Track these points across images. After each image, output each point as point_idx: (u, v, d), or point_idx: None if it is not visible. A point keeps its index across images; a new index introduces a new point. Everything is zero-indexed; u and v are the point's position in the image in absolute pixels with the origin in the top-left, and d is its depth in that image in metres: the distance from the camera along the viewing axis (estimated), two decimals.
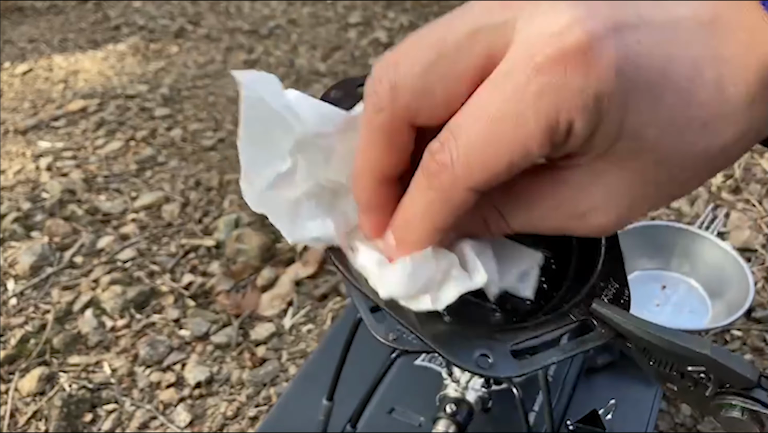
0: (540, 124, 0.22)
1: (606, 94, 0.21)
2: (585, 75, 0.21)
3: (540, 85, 0.21)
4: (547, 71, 0.21)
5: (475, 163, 0.23)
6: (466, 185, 0.23)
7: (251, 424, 0.81)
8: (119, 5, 1.95)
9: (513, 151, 0.22)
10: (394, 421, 0.59)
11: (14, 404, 0.84)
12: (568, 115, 0.22)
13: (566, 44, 0.21)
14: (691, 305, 0.78)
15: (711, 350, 0.25)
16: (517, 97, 0.22)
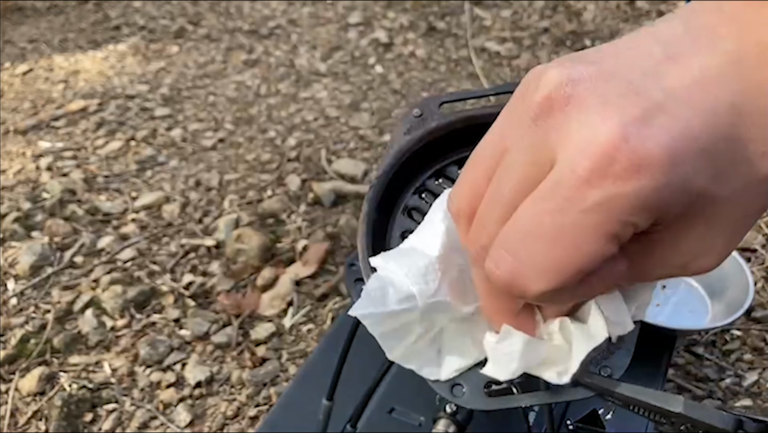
0: (603, 233, 0.22)
1: (663, 185, 0.21)
2: (636, 179, 0.21)
3: (595, 198, 0.21)
4: (597, 184, 0.21)
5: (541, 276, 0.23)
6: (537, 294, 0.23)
7: (251, 424, 0.81)
8: (119, 5, 1.95)
9: (580, 260, 0.22)
10: (394, 421, 0.59)
11: (14, 404, 0.84)
12: (628, 219, 0.21)
13: (607, 154, 0.21)
14: (691, 305, 0.78)
15: (684, 407, 0.26)
16: (573, 211, 0.22)
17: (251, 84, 1.54)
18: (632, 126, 0.21)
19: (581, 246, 0.22)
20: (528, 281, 0.23)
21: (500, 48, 1.62)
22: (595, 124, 0.21)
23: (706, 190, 0.22)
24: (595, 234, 0.22)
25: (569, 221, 0.22)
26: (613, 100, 0.21)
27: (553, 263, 0.22)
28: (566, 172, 0.22)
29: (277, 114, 1.43)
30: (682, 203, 0.22)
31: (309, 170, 1.24)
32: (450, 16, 1.79)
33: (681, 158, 0.21)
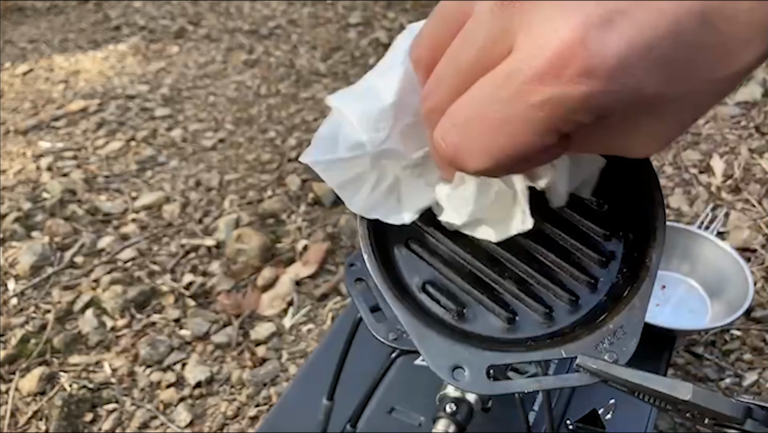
0: (545, 129, 0.22)
1: (612, 90, 0.21)
2: (586, 83, 0.21)
3: (542, 95, 0.22)
4: (547, 83, 0.21)
5: (481, 158, 0.24)
6: (477, 171, 0.25)
7: (251, 424, 0.81)
8: (119, 5, 1.95)
9: (519, 150, 0.23)
10: (394, 421, 0.59)
11: (15, 404, 0.84)
12: (572, 117, 0.22)
13: (563, 56, 0.21)
14: (691, 305, 0.78)
15: (693, 395, 0.26)
16: (520, 105, 0.22)
17: (251, 84, 1.55)
18: (592, 29, 0.21)
19: (522, 137, 0.23)
20: (468, 159, 0.24)
21: None
22: (557, 21, 0.21)
23: (658, 93, 0.22)
24: (537, 128, 0.22)
25: (515, 113, 0.22)
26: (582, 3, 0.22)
27: (493, 148, 0.24)
28: (521, 65, 0.22)
29: (277, 114, 1.43)
30: (631, 104, 0.23)
31: (309, 170, 1.24)
32: None
33: (635, 66, 0.21)
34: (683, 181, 1.11)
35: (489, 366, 0.29)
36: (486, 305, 0.33)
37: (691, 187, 1.10)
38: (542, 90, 0.22)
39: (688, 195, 1.08)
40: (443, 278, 0.34)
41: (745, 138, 1.19)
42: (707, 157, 1.16)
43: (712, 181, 1.10)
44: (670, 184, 1.11)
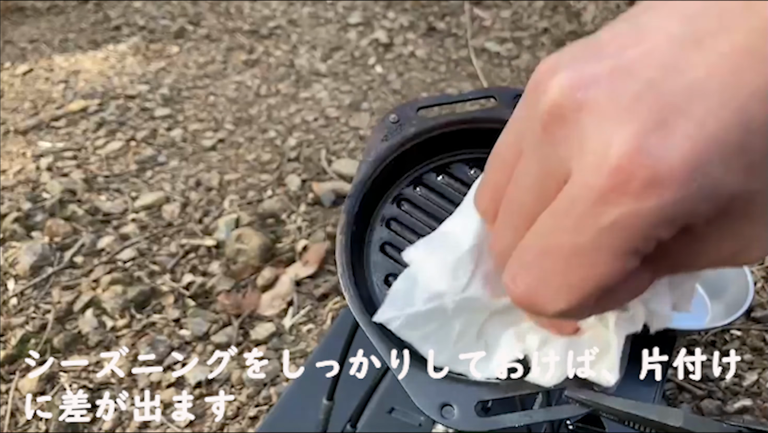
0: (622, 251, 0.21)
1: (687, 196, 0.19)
2: (656, 195, 0.19)
3: (612, 216, 0.20)
4: (614, 201, 0.20)
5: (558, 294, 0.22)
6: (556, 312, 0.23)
7: (251, 424, 0.81)
8: (120, 5, 1.95)
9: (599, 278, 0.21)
10: (394, 421, 0.59)
11: (14, 404, 0.84)
12: (649, 234, 0.20)
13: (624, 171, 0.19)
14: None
15: (684, 421, 0.25)
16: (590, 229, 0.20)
17: (251, 84, 1.55)
18: (649, 135, 0.19)
19: (599, 265, 0.21)
20: (545, 300, 0.22)
21: (500, 48, 1.62)
22: (609, 135, 0.20)
23: (740, 188, 0.20)
24: (613, 253, 0.21)
25: (586, 240, 0.21)
26: (629, 105, 0.20)
27: (570, 283, 0.22)
28: (581, 189, 0.20)
29: (277, 114, 1.43)
30: (713, 207, 0.20)
31: (309, 170, 1.24)
32: (450, 16, 1.79)
33: (706, 165, 0.19)
34: None
35: (477, 402, 0.28)
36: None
37: None
38: (609, 211, 0.20)
39: None
40: None
41: None
42: None
43: None
44: None
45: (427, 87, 1.50)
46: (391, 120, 0.39)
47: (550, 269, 0.22)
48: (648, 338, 0.31)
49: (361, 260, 0.37)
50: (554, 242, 0.21)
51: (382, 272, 0.36)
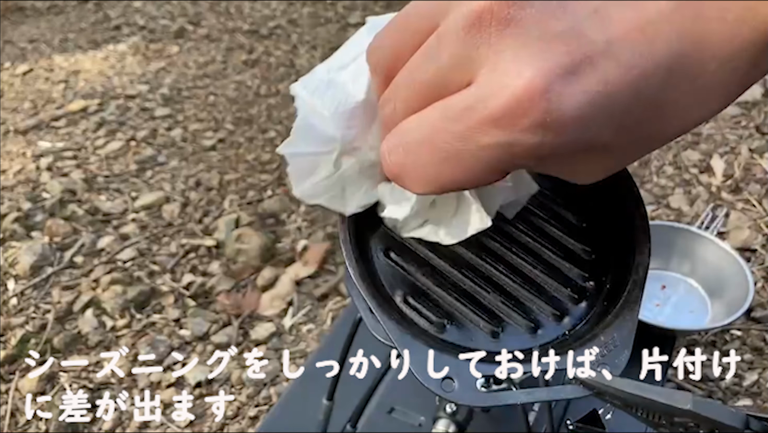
0: (488, 169, 0.22)
1: (564, 142, 0.21)
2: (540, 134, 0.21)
3: (493, 138, 0.21)
4: (501, 126, 0.21)
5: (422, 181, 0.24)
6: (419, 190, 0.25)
7: (251, 424, 0.81)
8: (119, 5, 1.95)
9: (460, 181, 0.23)
10: (394, 421, 0.59)
11: (14, 404, 0.84)
12: (518, 161, 0.22)
13: (522, 104, 0.20)
14: (691, 305, 0.78)
15: (693, 404, 0.25)
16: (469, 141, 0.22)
17: (251, 84, 1.54)
18: (555, 79, 0.20)
19: (467, 171, 0.23)
20: (410, 181, 0.24)
21: None
22: (521, 65, 0.21)
23: (607, 142, 0.22)
24: (486, 167, 0.22)
25: (463, 149, 0.22)
26: (550, 40, 0.20)
27: (437, 176, 0.23)
28: (478, 103, 0.21)
29: (277, 114, 1.43)
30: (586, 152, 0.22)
31: None
32: None
33: (592, 120, 0.21)
34: (683, 181, 1.11)
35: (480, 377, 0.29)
36: (470, 317, 0.33)
37: (691, 188, 1.10)
38: (494, 133, 0.21)
39: (688, 195, 1.08)
40: (425, 289, 0.34)
41: (746, 138, 1.19)
42: (707, 157, 1.16)
43: (712, 182, 1.10)
44: (670, 184, 1.11)
45: None
46: None
47: (424, 159, 0.23)
48: (648, 338, 0.31)
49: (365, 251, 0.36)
50: (437, 137, 0.23)
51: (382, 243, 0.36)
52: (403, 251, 0.35)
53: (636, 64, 0.20)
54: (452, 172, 0.23)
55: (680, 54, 0.21)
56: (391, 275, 0.34)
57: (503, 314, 0.33)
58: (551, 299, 0.33)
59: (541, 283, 0.33)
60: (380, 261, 0.35)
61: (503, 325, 0.32)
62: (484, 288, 0.34)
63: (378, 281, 0.34)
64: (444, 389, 0.28)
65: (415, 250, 0.35)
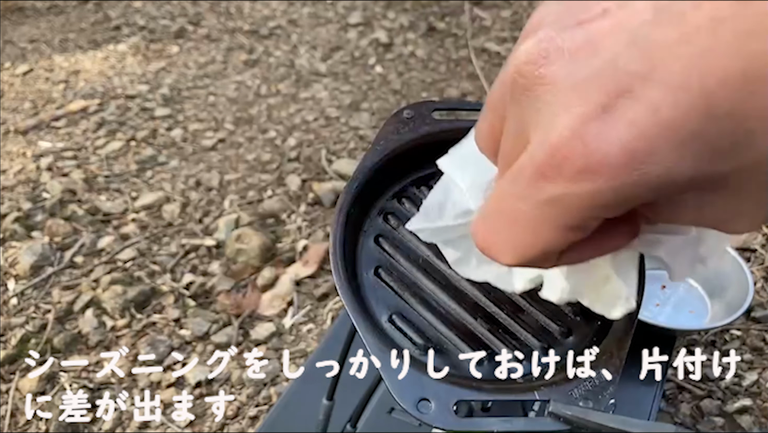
0: (556, 228, 0.21)
1: (626, 184, 0.19)
2: (590, 181, 0.19)
3: (548, 194, 0.20)
4: (552, 180, 0.20)
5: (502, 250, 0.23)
6: (506, 262, 0.24)
7: (251, 424, 0.81)
8: (120, 5, 1.95)
9: (534, 245, 0.22)
10: (394, 421, 0.59)
11: (14, 404, 0.84)
12: (587, 215, 0.21)
13: (560, 149, 0.20)
14: (691, 305, 0.78)
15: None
16: (528, 200, 0.21)
17: (251, 84, 1.55)
18: (590, 122, 0.19)
19: (540, 234, 0.22)
20: (495, 252, 0.24)
21: (500, 48, 1.62)
22: (556, 115, 0.20)
23: (704, 172, 0.19)
24: (552, 226, 0.21)
25: (527, 210, 0.22)
26: (583, 85, 0.19)
27: (515, 244, 0.23)
28: (528, 160, 0.21)
29: (277, 114, 1.43)
30: (670, 190, 0.20)
31: (309, 170, 1.24)
32: (450, 16, 1.79)
33: (652, 154, 0.19)
34: None
35: (457, 401, 0.28)
36: (455, 343, 0.32)
37: None
38: (546, 187, 0.20)
39: None
40: (411, 311, 0.33)
41: None
42: None
43: None
44: None
45: (427, 87, 1.50)
46: (405, 115, 0.38)
47: (499, 227, 0.23)
48: (648, 338, 0.31)
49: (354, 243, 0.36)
50: (504, 203, 0.23)
51: (372, 262, 0.35)
52: (392, 271, 0.35)
53: (691, 83, 0.18)
54: (525, 236, 0.22)
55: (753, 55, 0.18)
56: (378, 293, 0.34)
57: (489, 343, 0.32)
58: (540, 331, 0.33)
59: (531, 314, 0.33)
60: (368, 278, 0.34)
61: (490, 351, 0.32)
62: (471, 314, 0.33)
63: (363, 299, 0.33)
64: (420, 410, 0.27)
65: (404, 270, 0.35)
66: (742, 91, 0.18)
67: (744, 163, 0.19)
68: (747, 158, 0.19)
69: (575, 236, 0.22)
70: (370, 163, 0.37)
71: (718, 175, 0.20)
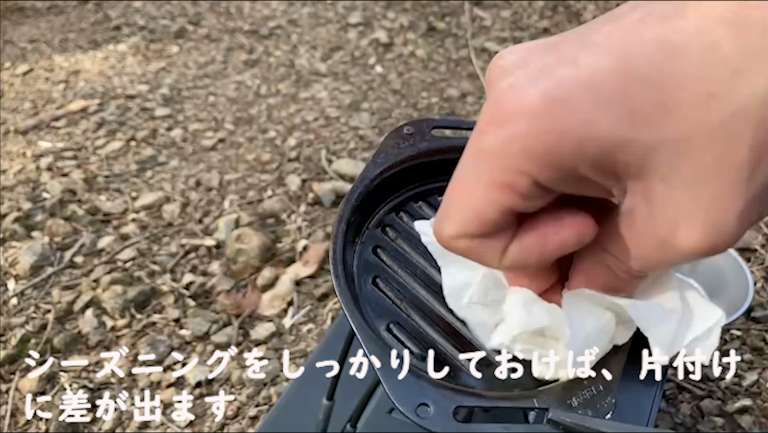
0: (490, 184, 0.22)
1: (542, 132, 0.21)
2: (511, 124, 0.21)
3: (479, 147, 0.22)
4: (484, 131, 0.22)
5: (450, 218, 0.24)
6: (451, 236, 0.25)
7: (251, 424, 0.81)
8: (120, 5, 1.95)
9: (475, 209, 0.23)
10: (394, 421, 0.59)
11: (14, 404, 0.84)
12: (516, 167, 0.22)
13: (494, 101, 0.22)
14: None
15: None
16: (467, 159, 0.23)
17: (251, 84, 1.55)
18: (526, 78, 0.21)
19: (473, 192, 0.23)
20: (440, 224, 0.25)
21: (500, 48, 1.62)
22: (502, 80, 0.22)
23: (623, 136, 0.20)
24: (485, 181, 0.22)
25: (464, 169, 0.23)
26: (531, 61, 0.22)
27: (454, 208, 0.24)
28: (475, 128, 0.23)
29: (277, 114, 1.43)
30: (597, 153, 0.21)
31: (309, 170, 1.24)
32: (450, 16, 1.79)
33: (567, 104, 0.20)
34: None
35: (456, 407, 0.28)
36: (452, 353, 0.32)
37: None
38: (481, 140, 0.22)
39: None
40: (409, 320, 0.34)
41: None
42: None
43: None
44: None
45: (427, 87, 1.50)
46: (405, 131, 0.39)
47: (447, 199, 0.25)
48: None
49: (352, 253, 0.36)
50: (454, 177, 0.24)
51: (370, 271, 0.36)
52: (389, 280, 0.35)
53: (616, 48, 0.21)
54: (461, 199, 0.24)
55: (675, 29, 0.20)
56: (376, 302, 0.34)
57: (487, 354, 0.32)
58: None
59: None
60: (367, 287, 0.35)
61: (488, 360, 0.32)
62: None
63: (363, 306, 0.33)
64: (419, 414, 0.27)
65: (402, 281, 0.35)
66: (659, 57, 0.20)
67: (668, 136, 0.20)
68: (670, 130, 0.20)
69: (513, 198, 0.22)
70: (371, 175, 0.38)
71: (644, 147, 0.21)
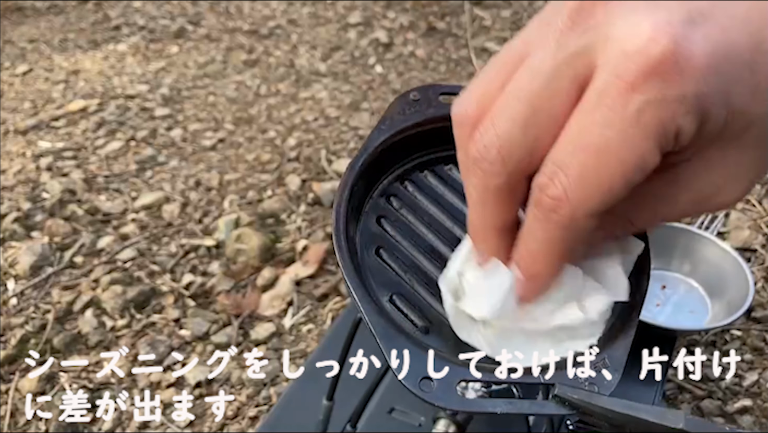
0: (648, 141, 0.21)
1: (705, 93, 0.21)
2: (680, 82, 0.20)
3: (638, 104, 0.21)
4: (641, 89, 0.20)
5: (591, 191, 0.22)
6: (586, 213, 0.23)
7: (251, 424, 0.81)
8: (119, 5, 1.95)
9: (626, 171, 0.22)
10: (394, 421, 0.59)
11: (14, 404, 0.84)
12: (673, 124, 0.21)
13: (653, 56, 0.20)
14: (691, 305, 0.78)
15: (685, 423, 0.24)
16: (617, 120, 0.21)
17: (251, 84, 1.54)
18: (678, 26, 0.20)
19: (630, 153, 0.21)
20: (579, 198, 0.23)
21: (500, 48, 1.62)
22: (639, 22, 0.20)
23: (743, 106, 0.21)
24: (643, 138, 0.21)
25: (613, 133, 0.21)
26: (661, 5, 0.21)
27: (601, 179, 0.22)
28: (608, 80, 0.21)
29: (277, 114, 1.43)
30: (718, 124, 0.21)
31: (309, 170, 1.24)
32: (450, 16, 1.79)
33: (723, 69, 0.20)
34: None
35: (460, 381, 0.28)
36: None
37: None
38: (635, 98, 0.21)
39: None
40: (412, 293, 0.33)
41: None
42: None
43: None
44: None
45: None
46: (412, 97, 0.37)
47: (584, 166, 0.22)
48: (648, 338, 0.31)
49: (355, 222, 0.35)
50: (586, 139, 0.22)
51: (374, 242, 0.35)
52: (393, 251, 0.34)
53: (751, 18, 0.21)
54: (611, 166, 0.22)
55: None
56: (379, 273, 0.34)
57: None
58: None
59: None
60: (370, 258, 0.34)
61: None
62: None
63: (366, 277, 0.33)
64: (422, 388, 0.27)
65: (405, 251, 0.34)
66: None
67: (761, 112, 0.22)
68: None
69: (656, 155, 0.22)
70: (376, 143, 0.36)
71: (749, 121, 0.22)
